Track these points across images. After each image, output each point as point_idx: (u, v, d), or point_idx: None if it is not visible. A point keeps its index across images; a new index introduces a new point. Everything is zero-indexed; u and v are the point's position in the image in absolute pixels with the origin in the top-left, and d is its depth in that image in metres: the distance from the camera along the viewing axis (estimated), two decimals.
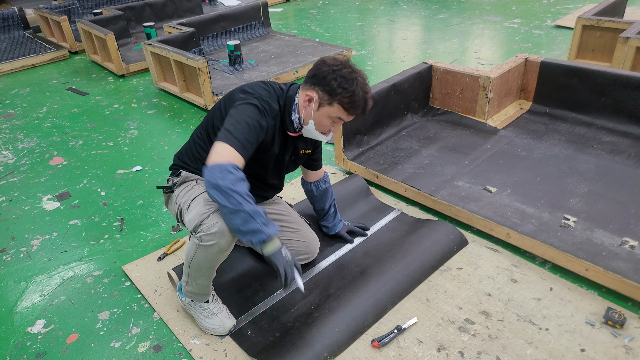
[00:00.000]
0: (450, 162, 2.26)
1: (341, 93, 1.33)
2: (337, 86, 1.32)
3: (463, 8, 5.59)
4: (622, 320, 1.43)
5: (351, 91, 1.33)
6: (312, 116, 1.39)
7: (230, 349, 1.46)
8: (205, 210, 1.30)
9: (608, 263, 1.58)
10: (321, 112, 1.38)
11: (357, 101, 1.35)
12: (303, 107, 1.40)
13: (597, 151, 2.26)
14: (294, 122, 1.43)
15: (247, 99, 1.35)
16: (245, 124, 1.30)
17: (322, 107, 1.37)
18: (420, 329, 1.48)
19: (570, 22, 4.50)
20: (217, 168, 1.20)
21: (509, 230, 1.77)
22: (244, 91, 1.38)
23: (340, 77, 1.32)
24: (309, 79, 1.38)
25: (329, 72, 1.33)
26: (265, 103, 1.36)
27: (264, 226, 1.21)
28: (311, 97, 1.37)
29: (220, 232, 1.28)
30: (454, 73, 2.60)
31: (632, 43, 2.86)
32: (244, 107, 1.33)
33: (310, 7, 6.16)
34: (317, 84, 1.35)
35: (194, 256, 1.36)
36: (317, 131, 1.42)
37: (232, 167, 1.21)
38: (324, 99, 1.36)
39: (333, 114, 1.37)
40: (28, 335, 1.59)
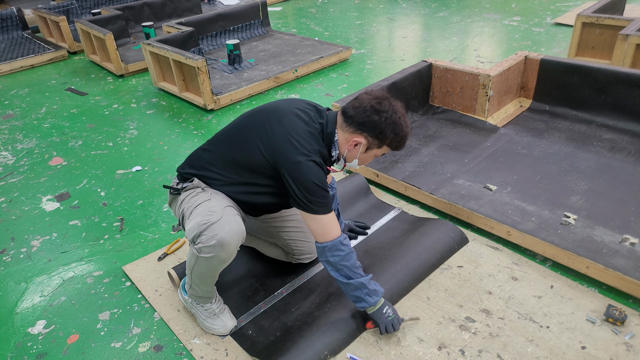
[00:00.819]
0: (450, 161, 2.26)
1: (393, 138, 1.36)
2: (389, 132, 1.34)
3: (462, 6, 5.58)
4: (623, 318, 1.43)
5: (402, 135, 1.37)
6: (357, 157, 1.41)
7: (231, 348, 1.45)
8: (205, 221, 1.28)
9: (608, 260, 1.58)
10: (369, 154, 1.41)
11: (405, 140, 1.39)
12: (347, 149, 1.39)
13: (597, 149, 2.26)
14: (333, 157, 1.43)
15: (302, 158, 1.29)
16: (318, 187, 1.30)
17: (371, 150, 1.39)
18: (421, 328, 1.48)
19: (570, 19, 4.49)
20: (329, 249, 1.34)
21: (509, 228, 1.77)
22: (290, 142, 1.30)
23: (392, 123, 1.34)
24: (355, 123, 1.35)
25: (381, 121, 1.33)
26: (316, 152, 1.34)
27: (368, 296, 1.38)
28: (359, 142, 1.37)
29: (220, 244, 1.28)
30: (454, 71, 2.59)
31: (632, 40, 2.85)
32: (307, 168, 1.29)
33: (310, 6, 6.15)
34: (367, 130, 1.35)
35: (195, 265, 1.36)
36: (357, 165, 1.44)
37: (341, 242, 1.34)
38: (373, 143, 1.37)
39: (380, 153, 1.41)
40: (28, 336, 1.59)
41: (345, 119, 1.38)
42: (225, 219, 1.30)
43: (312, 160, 1.31)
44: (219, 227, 1.28)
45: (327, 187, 1.35)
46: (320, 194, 1.31)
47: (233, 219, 1.32)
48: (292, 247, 1.66)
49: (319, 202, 1.31)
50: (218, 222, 1.28)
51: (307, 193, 1.30)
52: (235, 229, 1.31)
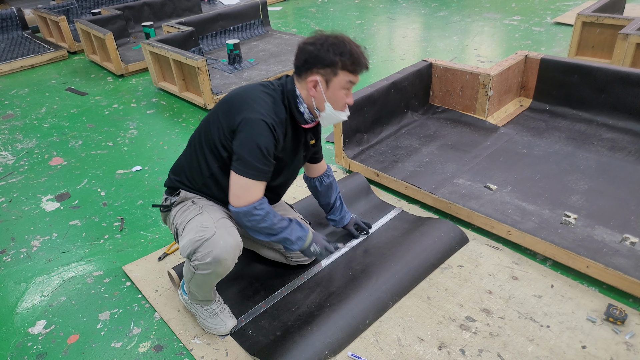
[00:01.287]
0: (450, 160, 2.26)
1: (340, 58, 1.30)
2: (333, 54, 1.29)
3: (462, 5, 5.57)
4: (623, 317, 1.43)
5: (348, 51, 1.30)
6: (325, 98, 1.35)
7: (231, 348, 1.45)
8: (198, 238, 1.26)
9: (609, 260, 1.58)
10: (332, 88, 1.35)
11: (357, 57, 1.32)
12: (312, 96, 1.36)
13: (597, 148, 2.26)
14: (304, 113, 1.40)
15: (253, 115, 1.28)
16: (258, 149, 1.27)
17: (330, 82, 1.34)
18: (422, 327, 1.48)
19: (570, 19, 4.49)
20: (243, 215, 1.32)
21: (509, 227, 1.77)
22: (246, 102, 1.31)
23: (330, 45, 1.30)
24: (302, 66, 1.34)
25: (318, 49, 1.30)
26: (272, 114, 1.31)
27: (292, 245, 1.42)
28: (315, 80, 1.33)
29: (216, 261, 1.26)
30: (454, 71, 2.59)
31: (632, 39, 2.85)
32: (254, 127, 1.27)
33: (310, 6, 6.14)
34: (313, 65, 1.32)
35: (192, 279, 1.36)
36: (335, 111, 1.38)
37: (255, 208, 1.31)
38: (327, 73, 1.32)
39: (343, 82, 1.34)
40: (29, 336, 1.59)
41: (296, 71, 1.38)
42: (219, 234, 1.27)
43: (264, 120, 1.28)
44: (213, 243, 1.26)
45: (270, 155, 1.30)
46: (256, 157, 1.27)
47: (227, 232, 1.29)
48: (290, 251, 1.65)
49: (251, 165, 1.27)
50: (212, 237, 1.26)
51: (244, 152, 1.27)
52: (230, 243, 1.28)
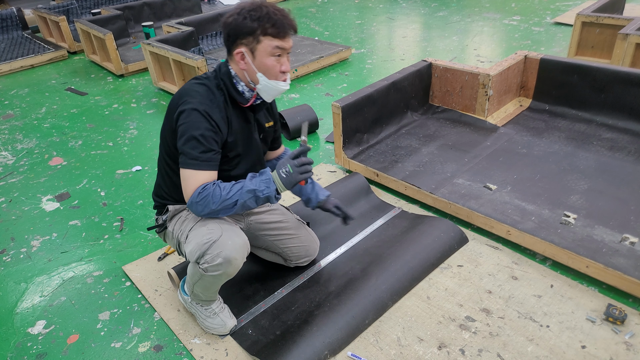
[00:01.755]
0: (450, 160, 2.26)
1: (259, 24, 1.25)
2: (251, 22, 1.25)
3: (462, 5, 5.58)
4: (623, 317, 1.43)
5: (265, 15, 1.25)
6: (255, 68, 1.29)
7: (231, 348, 1.45)
8: (206, 240, 1.26)
9: (608, 260, 1.58)
10: (259, 57, 1.28)
11: (278, 19, 1.26)
12: (243, 70, 1.31)
13: (597, 148, 2.26)
14: (243, 92, 1.36)
15: (186, 106, 1.27)
16: (194, 139, 1.24)
17: (256, 51, 1.28)
18: (421, 327, 1.48)
19: (569, 18, 4.49)
20: (192, 206, 1.27)
21: (509, 227, 1.77)
22: (180, 98, 1.31)
23: (246, 13, 1.26)
24: (227, 42, 1.31)
25: (237, 20, 1.27)
26: (206, 101, 1.28)
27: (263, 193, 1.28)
28: (240, 52, 1.29)
29: (227, 261, 1.26)
30: (454, 71, 2.59)
31: (631, 39, 2.85)
32: (187, 118, 1.26)
33: (310, 6, 6.14)
34: (236, 38, 1.28)
35: (200, 280, 1.35)
36: (271, 80, 1.31)
37: (198, 193, 1.25)
38: (250, 42, 1.27)
39: (269, 48, 1.27)
40: (28, 336, 1.59)
41: (227, 51, 1.34)
42: (227, 234, 1.28)
43: (195, 108, 1.26)
44: (222, 244, 1.26)
45: (209, 142, 1.26)
46: (193, 146, 1.25)
47: (234, 232, 1.30)
48: (289, 254, 1.65)
49: (190, 155, 1.25)
50: (220, 238, 1.26)
51: (182, 144, 1.25)
52: (239, 243, 1.29)
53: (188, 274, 1.40)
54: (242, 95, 1.36)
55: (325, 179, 2.33)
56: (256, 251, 1.72)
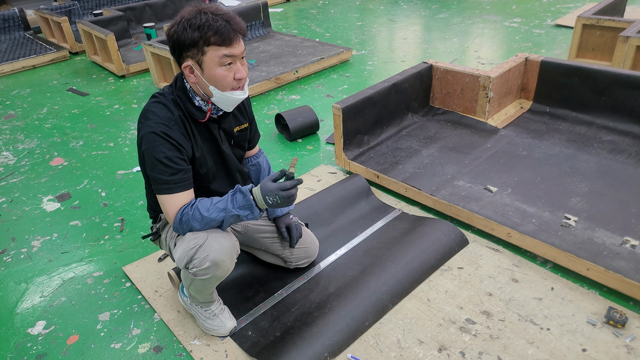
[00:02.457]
0: (450, 162, 2.26)
1: (200, 33, 1.15)
2: (192, 32, 1.15)
3: (463, 7, 5.58)
4: (624, 320, 1.42)
5: (204, 23, 1.15)
6: (206, 81, 1.21)
7: (230, 349, 1.45)
8: (192, 245, 1.25)
9: (609, 262, 1.57)
10: (207, 69, 1.20)
11: (220, 26, 1.16)
12: (194, 83, 1.24)
13: (597, 150, 2.26)
14: (201, 107, 1.29)
15: (144, 131, 1.23)
16: (158, 162, 1.21)
17: (203, 63, 1.19)
18: (422, 329, 1.48)
19: (570, 21, 4.49)
20: (176, 228, 1.28)
21: (509, 229, 1.77)
22: (140, 122, 1.26)
23: (186, 23, 1.16)
24: (174, 56, 1.24)
25: (177, 32, 1.17)
26: (162, 121, 1.22)
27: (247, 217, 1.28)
28: (188, 66, 1.21)
29: (214, 264, 1.26)
30: (454, 72, 2.59)
31: (632, 42, 2.85)
32: (147, 142, 1.22)
33: (311, 7, 6.15)
34: (181, 51, 1.20)
35: (192, 284, 1.36)
36: (226, 92, 1.23)
37: (181, 214, 1.26)
38: (195, 55, 1.19)
39: (217, 58, 1.18)
40: (28, 337, 1.59)
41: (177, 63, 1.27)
42: (212, 237, 1.27)
43: (152, 132, 1.21)
44: (208, 248, 1.25)
45: (175, 162, 1.23)
46: (160, 170, 1.22)
47: (220, 235, 1.29)
48: (288, 256, 1.65)
49: (159, 180, 1.23)
50: (205, 242, 1.25)
51: (150, 170, 1.24)
52: (225, 245, 1.27)
53: (182, 277, 1.41)
54: (200, 109, 1.30)
55: (325, 180, 2.33)
56: (256, 253, 1.72)
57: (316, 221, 1.94)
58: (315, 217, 1.95)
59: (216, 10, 1.20)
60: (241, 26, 1.22)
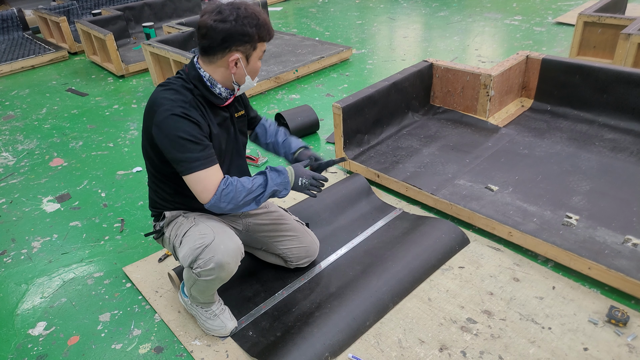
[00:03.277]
0: (451, 161, 2.25)
1: (257, 31, 1.26)
2: (250, 28, 1.24)
3: (463, 5, 5.57)
4: (625, 319, 1.42)
5: (262, 23, 1.26)
6: (246, 72, 1.32)
7: (231, 350, 1.45)
8: (198, 245, 1.26)
9: (611, 261, 1.57)
10: (252, 62, 1.31)
11: (268, 25, 1.29)
12: (232, 73, 1.30)
13: (599, 149, 2.25)
14: (221, 94, 1.34)
15: (160, 116, 1.23)
16: (184, 140, 1.22)
17: (251, 57, 1.30)
18: (423, 329, 1.47)
19: (571, 18, 4.47)
20: (216, 205, 1.27)
21: (510, 228, 1.76)
22: (153, 110, 1.27)
23: (244, 20, 1.23)
24: (217, 47, 1.25)
25: (234, 27, 1.23)
26: (178, 103, 1.25)
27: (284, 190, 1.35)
28: (236, 58, 1.27)
29: (219, 266, 1.26)
30: (455, 71, 2.58)
31: (634, 39, 2.84)
32: (168, 126, 1.22)
33: (310, 6, 6.14)
34: (232, 44, 1.25)
35: (194, 285, 1.36)
36: (253, 80, 1.36)
37: (222, 190, 1.26)
38: (248, 49, 1.28)
39: (260, 53, 1.32)
40: (29, 338, 1.59)
41: (206, 53, 1.28)
42: (219, 239, 1.27)
43: (172, 113, 1.22)
44: (214, 248, 1.25)
45: (199, 139, 1.24)
46: (187, 149, 1.22)
47: (227, 236, 1.29)
48: (289, 255, 1.65)
49: (189, 159, 1.23)
50: (212, 243, 1.26)
51: (176, 153, 1.23)
52: (231, 247, 1.28)
53: (184, 277, 1.40)
54: (219, 96, 1.34)
55: None
56: (256, 253, 1.72)
57: (316, 221, 1.94)
58: (315, 217, 1.95)
59: (257, 9, 1.30)
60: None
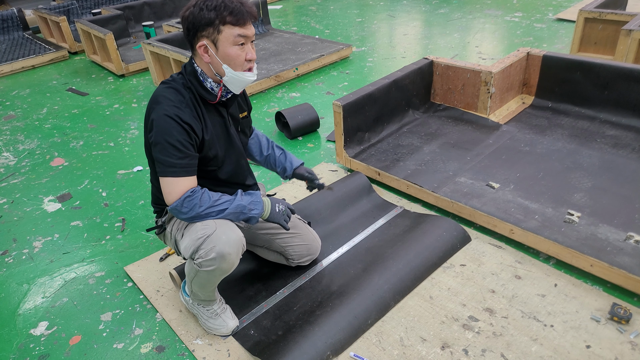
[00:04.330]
0: (452, 158, 2.24)
1: (216, 13, 1.22)
2: (208, 12, 1.22)
3: (463, 2, 5.55)
4: (628, 316, 1.42)
5: (221, 4, 1.22)
6: (220, 60, 1.27)
7: (233, 348, 1.45)
8: (200, 235, 1.26)
9: (613, 258, 1.56)
10: (221, 47, 1.26)
11: (235, 7, 1.23)
12: (207, 63, 1.29)
13: (600, 145, 2.24)
14: (212, 89, 1.32)
15: (156, 114, 1.25)
16: (169, 145, 1.23)
17: (218, 42, 1.25)
18: (424, 327, 1.47)
19: (572, 15, 4.46)
20: (176, 210, 1.28)
21: (512, 226, 1.76)
22: (151, 107, 1.29)
23: (202, 4, 1.23)
24: (188, 37, 1.29)
25: (193, 13, 1.24)
26: (175, 104, 1.26)
27: (252, 212, 1.36)
28: (203, 45, 1.26)
29: (220, 256, 1.26)
30: (455, 68, 2.57)
31: (635, 35, 2.82)
32: (158, 125, 1.24)
33: (310, 4, 6.12)
34: (197, 31, 1.25)
35: (196, 277, 1.35)
36: (238, 72, 1.29)
37: (185, 199, 1.27)
38: (211, 34, 1.25)
39: (231, 37, 1.25)
40: (31, 338, 1.59)
41: (189, 46, 1.31)
42: (221, 229, 1.28)
43: (166, 115, 1.23)
44: (216, 239, 1.25)
45: (185, 147, 1.25)
46: (169, 153, 1.23)
47: (228, 227, 1.30)
48: (291, 253, 1.64)
49: (167, 163, 1.24)
50: (214, 233, 1.26)
51: (158, 153, 1.25)
52: (233, 238, 1.28)
53: (186, 271, 1.40)
54: (211, 92, 1.33)
55: (326, 178, 2.32)
56: (257, 250, 1.72)
57: (318, 219, 1.93)
58: (316, 215, 1.95)
59: None
60: (253, 10, 1.28)
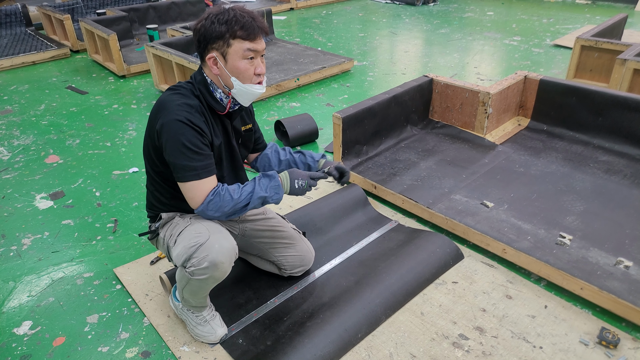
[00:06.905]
0: (448, 176, 2.26)
1: (227, 27, 1.24)
2: (219, 25, 1.24)
3: (464, 24, 5.66)
4: (616, 341, 1.42)
5: (232, 18, 1.25)
6: (228, 73, 1.29)
7: (220, 357, 1.43)
8: (193, 243, 1.26)
9: (603, 282, 1.58)
10: (231, 60, 1.28)
11: (246, 22, 1.25)
12: (217, 75, 1.31)
13: (593, 170, 2.27)
14: (221, 100, 1.34)
15: (166, 119, 1.25)
16: (185, 148, 1.23)
17: (227, 55, 1.27)
18: (414, 343, 1.46)
19: (569, 42, 4.56)
20: (204, 212, 1.30)
21: (505, 245, 1.77)
22: (159, 112, 1.29)
23: (214, 17, 1.25)
24: (198, 49, 1.31)
25: (205, 26, 1.26)
26: (185, 109, 1.26)
27: (275, 195, 1.35)
28: (212, 57, 1.28)
29: (213, 265, 1.25)
30: (454, 87, 2.62)
31: (629, 65, 2.90)
32: (170, 130, 1.24)
33: (314, 17, 6.21)
34: (207, 44, 1.28)
35: (187, 285, 1.34)
36: (246, 84, 1.31)
37: (210, 200, 1.29)
38: (221, 47, 1.27)
39: (241, 51, 1.26)
40: (13, 337, 1.56)
41: (199, 57, 1.33)
42: (214, 238, 1.27)
43: (177, 119, 1.23)
44: (209, 247, 1.25)
45: (200, 148, 1.26)
46: (186, 157, 1.24)
47: (222, 235, 1.29)
48: (284, 263, 1.64)
49: (186, 167, 1.24)
50: (207, 242, 1.25)
51: (174, 158, 1.24)
52: (226, 246, 1.28)
53: (177, 277, 1.39)
54: (220, 102, 1.34)
55: (323, 189, 2.32)
56: (250, 259, 1.71)
57: (312, 230, 1.93)
58: (311, 226, 1.94)
59: (242, 8, 1.30)
60: (264, 25, 1.31)
